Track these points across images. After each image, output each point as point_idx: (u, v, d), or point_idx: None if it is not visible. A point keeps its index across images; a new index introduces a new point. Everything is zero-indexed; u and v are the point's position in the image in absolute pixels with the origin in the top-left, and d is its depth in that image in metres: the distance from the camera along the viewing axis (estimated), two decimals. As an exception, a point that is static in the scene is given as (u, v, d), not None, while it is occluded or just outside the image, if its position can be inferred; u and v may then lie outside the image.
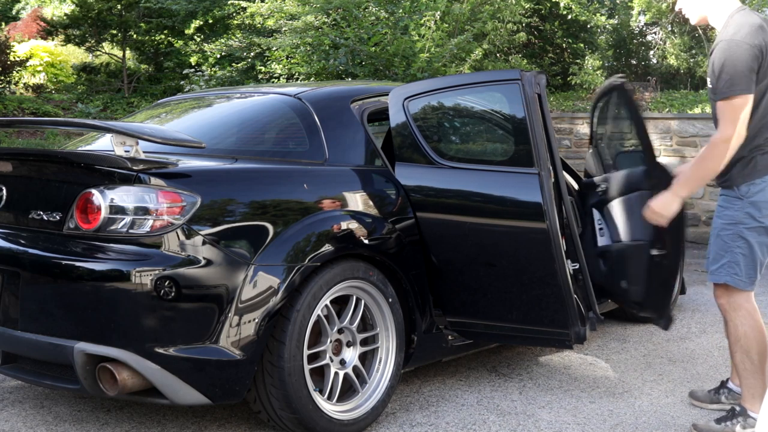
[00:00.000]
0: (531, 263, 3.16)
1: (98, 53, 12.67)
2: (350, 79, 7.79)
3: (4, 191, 2.90)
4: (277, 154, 3.28)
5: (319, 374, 2.99)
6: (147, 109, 4.17)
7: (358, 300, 3.09)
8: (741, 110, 2.83)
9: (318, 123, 3.28)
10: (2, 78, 9.72)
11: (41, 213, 2.76)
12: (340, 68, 7.94)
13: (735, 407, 3.08)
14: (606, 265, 3.79)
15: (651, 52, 11.63)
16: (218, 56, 10.04)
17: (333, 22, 8.45)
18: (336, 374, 3.01)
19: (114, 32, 11.69)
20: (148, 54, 12.09)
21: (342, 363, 3.06)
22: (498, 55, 9.96)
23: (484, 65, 8.92)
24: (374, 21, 8.22)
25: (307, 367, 2.85)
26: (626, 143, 4.00)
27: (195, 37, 11.22)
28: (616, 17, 11.50)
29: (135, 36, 11.73)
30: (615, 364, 4.00)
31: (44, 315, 2.68)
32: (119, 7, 11.32)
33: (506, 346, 4.17)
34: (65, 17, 12.05)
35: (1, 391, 3.42)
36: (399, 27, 8.17)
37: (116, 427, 3.04)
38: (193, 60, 10.58)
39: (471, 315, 3.38)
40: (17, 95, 10.57)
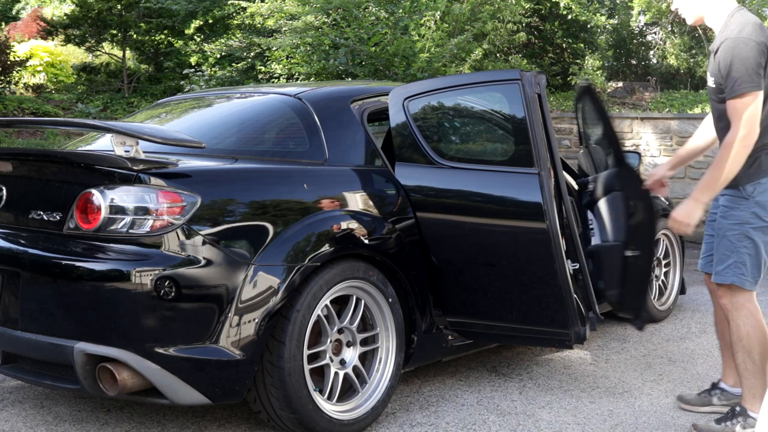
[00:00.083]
0: (531, 263, 3.16)
1: (98, 53, 12.67)
2: (350, 79, 7.79)
3: (4, 191, 2.90)
4: (277, 154, 3.28)
5: (319, 374, 2.99)
6: (147, 109, 4.17)
7: (358, 300, 3.09)
8: (753, 107, 2.82)
9: (318, 123, 3.28)
10: (2, 78, 9.72)
11: (41, 213, 2.76)
12: (340, 68, 7.94)
13: (735, 407, 3.08)
14: (592, 266, 3.80)
15: (651, 52, 11.64)
16: (218, 56, 10.04)
17: (333, 22, 8.45)
18: (336, 374, 3.01)
19: (114, 32, 11.69)
20: (148, 54, 12.09)
21: (342, 363, 3.05)
22: (498, 55, 9.96)
23: (484, 65, 8.92)
24: (374, 21, 8.22)
25: (307, 367, 2.85)
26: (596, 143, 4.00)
27: (195, 37, 11.22)
28: (616, 17, 11.51)
29: (135, 36, 11.74)
30: (615, 364, 4.00)
31: (44, 315, 2.67)
32: (119, 7, 11.32)
33: (506, 346, 4.17)
34: (65, 17, 12.05)
35: (1, 391, 3.42)
36: (399, 27, 8.17)
37: (116, 427, 3.04)
38: (193, 60, 10.58)
39: (471, 315, 3.39)
40: (17, 95, 10.57)
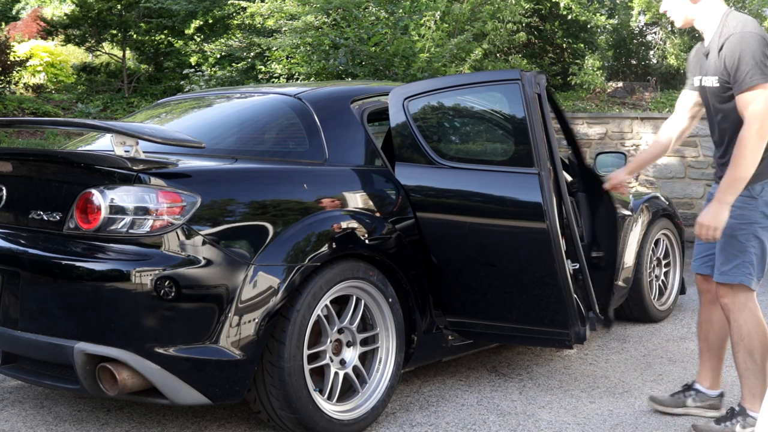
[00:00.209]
0: (531, 263, 3.16)
1: (98, 53, 12.66)
2: (350, 79, 7.79)
3: (4, 191, 2.90)
4: (277, 154, 3.28)
5: (319, 374, 2.99)
6: (147, 109, 4.17)
7: (358, 300, 3.09)
8: (766, 98, 2.79)
9: (318, 123, 3.28)
10: (2, 78, 9.71)
11: (41, 213, 2.76)
12: (340, 68, 7.94)
13: (734, 407, 3.08)
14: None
15: (651, 52, 11.63)
16: (218, 56, 10.03)
17: (333, 22, 8.45)
18: (336, 374, 3.01)
19: (114, 32, 11.68)
20: (148, 54, 12.08)
21: (342, 363, 3.05)
22: (498, 55, 9.95)
23: (484, 65, 8.91)
24: (374, 21, 8.22)
25: (307, 367, 2.85)
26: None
27: (195, 37, 11.21)
28: (616, 17, 11.49)
29: (135, 36, 11.73)
30: (615, 364, 4.00)
31: (44, 315, 2.68)
32: (119, 7, 11.32)
33: (506, 346, 4.17)
34: (65, 17, 12.04)
35: (1, 391, 3.42)
36: (399, 27, 8.17)
37: (116, 427, 3.04)
38: (193, 60, 10.57)
39: (471, 315, 3.39)
40: (17, 95, 10.56)
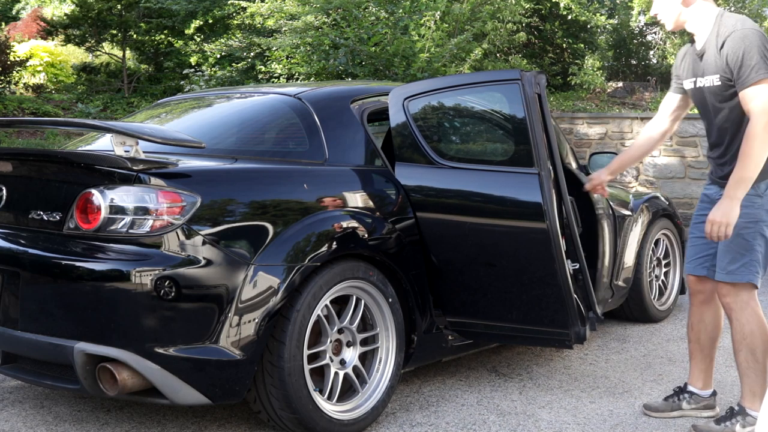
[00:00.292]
0: (531, 263, 3.16)
1: (98, 53, 12.68)
2: (350, 79, 7.79)
3: (4, 191, 2.90)
4: (277, 154, 3.28)
5: (319, 374, 2.99)
6: (147, 109, 4.17)
7: (358, 300, 3.09)
8: None
9: (318, 123, 3.28)
10: (2, 78, 9.72)
11: (41, 213, 2.76)
12: (340, 68, 7.95)
13: (733, 406, 3.08)
14: None
15: (651, 52, 11.63)
16: (218, 56, 10.04)
17: (333, 22, 8.45)
18: (336, 374, 3.01)
19: (114, 32, 11.69)
20: (148, 54, 12.09)
21: (342, 363, 3.05)
22: (498, 55, 9.96)
23: (484, 65, 8.92)
24: (374, 21, 8.23)
25: (307, 367, 2.85)
26: None
27: (195, 37, 11.22)
28: (616, 17, 11.50)
29: (135, 36, 11.74)
30: (615, 364, 4.00)
31: (44, 315, 2.67)
32: (119, 7, 11.33)
33: (506, 346, 4.17)
34: (65, 17, 12.05)
35: (1, 391, 3.42)
36: (399, 27, 8.18)
37: (116, 427, 3.04)
38: (193, 60, 10.58)
39: (471, 315, 3.38)
40: (17, 95, 10.57)
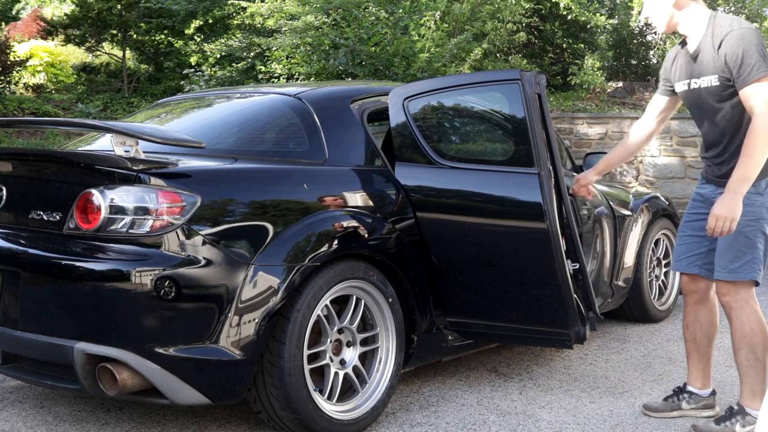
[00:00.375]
0: (531, 263, 3.16)
1: (98, 53, 12.67)
2: (350, 79, 7.79)
3: (4, 191, 2.90)
4: (277, 154, 3.28)
5: (319, 374, 2.99)
6: (147, 109, 4.17)
7: (358, 300, 3.09)
8: None
9: (318, 123, 3.28)
10: (2, 78, 9.71)
11: (41, 213, 2.76)
12: (340, 68, 7.94)
13: (733, 406, 3.08)
14: None
15: (651, 52, 11.62)
16: (218, 56, 10.04)
17: (333, 22, 8.45)
18: (336, 374, 3.01)
19: (114, 32, 11.69)
20: (148, 54, 12.09)
21: (342, 363, 3.05)
22: (498, 55, 9.95)
23: (484, 65, 8.91)
24: (374, 21, 8.22)
25: (307, 367, 2.85)
26: None
27: (195, 37, 11.22)
28: (616, 17, 11.49)
29: (135, 36, 11.73)
30: (615, 364, 4.00)
31: (44, 315, 2.67)
32: (119, 7, 11.32)
33: (506, 346, 4.17)
34: (65, 17, 12.05)
35: (1, 391, 3.42)
36: (399, 27, 8.17)
37: (116, 427, 3.04)
38: (193, 60, 10.58)
39: (471, 315, 3.38)
40: (17, 95, 10.56)
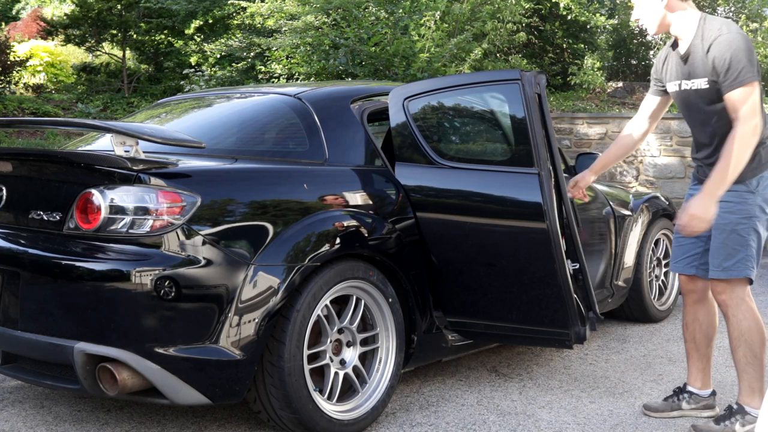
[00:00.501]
0: (531, 263, 3.16)
1: (98, 53, 12.67)
2: (350, 79, 7.79)
3: (4, 191, 2.90)
4: (277, 154, 3.28)
5: (319, 374, 2.99)
6: (147, 109, 4.16)
7: (358, 300, 3.09)
8: (757, 95, 2.83)
9: (318, 123, 3.28)
10: (2, 78, 9.71)
11: (41, 213, 2.76)
12: (340, 68, 7.95)
13: (732, 405, 3.08)
14: None
15: (651, 52, 11.63)
16: (218, 56, 10.04)
17: (333, 22, 8.45)
18: (336, 374, 3.01)
19: (114, 32, 11.69)
20: (148, 54, 12.09)
21: (342, 363, 3.05)
22: (498, 55, 9.95)
23: (484, 65, 8.91)
24: (374, 21, 8.23)
25: (307, 367, 2.85)
26: None
27: (195, 37, 11.22)
28: (616, 17, 11.50)
29: (135, 36, 11.73)
30: (615, 364, 4.00)
31: (44, 315, 2.67)
32: (119, 7, 11.33)
33: (506, 346, 4.17)
34: (65, 17, 12.05)
35: (1, 391, 3.42)
36: (399, 27, 8.18)
37: (116, 427, 3.04)
38: (193, 60, 10.58)
39: (471, 315, 3.38)
40: (17, 95, 10.56)
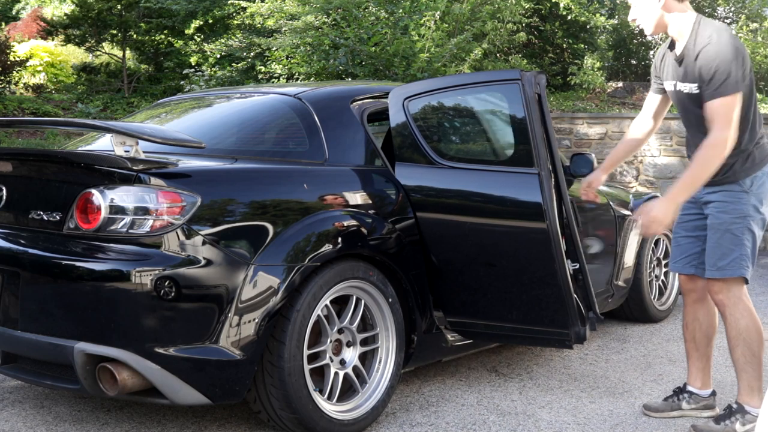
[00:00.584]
0: (531, 263, 3.16)
1: (98, 53, 12.67)
2: (350, 79, 7.79)
3: (4, 191, 2.90)
4: (277, 154, 3.28)
5: (319, 374, 2.99)
6: (147, 109, 4.16)
7: (358, 300, 3.09)
8: (735, 109, 2.86)
9: (318, 123, 3.28)
10: (2, 78, 9.71)
11: (41, 213, 2.76)
12: (340, 68, 7.95)
13: (732, 404, 3.08)
14: None
15: (651, 52, 11.63)
16: (218, 56, 10.04)
17: (333, 22, 8.45)
18: (336, 374, 3.01)
19: (114, 32, 11.69)
20: (148, 54, 12.08)
21: (342, 363, 3.05)
22: (498, 55, 9.95)
23: (484, 65, 8.91)
24: (374, 21, 8.23)
25: (307, 367, 2.85)
26: None
27: (195, 37, 11.22)
28: (616, 17, 11.49)
29: (135, 36, 11.73)
30: (615, 364, 4.00)
31: (44, 315, 2.67)
32: (119, 7, 11.32)
33: (506, 346, 4.17)
34: (65, 17, 12.04)
35: (1, 391, 3.42)
36: (399, 27, 8.17)
37: (116, 427, 3.04)
38: (193, 60, 10.58)
39: (471, 315, 3.38)
40: (17, 95, 10.56)
